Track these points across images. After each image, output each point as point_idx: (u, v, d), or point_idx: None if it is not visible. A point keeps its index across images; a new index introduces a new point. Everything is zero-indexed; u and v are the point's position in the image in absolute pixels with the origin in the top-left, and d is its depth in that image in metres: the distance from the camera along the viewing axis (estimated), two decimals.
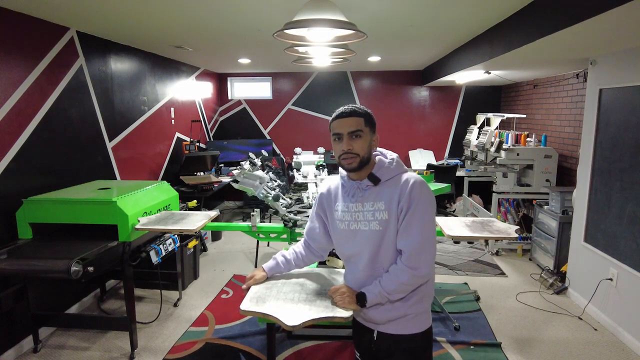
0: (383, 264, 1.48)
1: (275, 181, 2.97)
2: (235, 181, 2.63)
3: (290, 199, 3.06)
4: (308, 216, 2.70)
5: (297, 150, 3.38)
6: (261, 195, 2.57)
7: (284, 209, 2.72)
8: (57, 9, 2.83)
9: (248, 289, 1.67)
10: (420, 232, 1.41)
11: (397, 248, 1.45)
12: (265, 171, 3.07)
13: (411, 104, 6.83)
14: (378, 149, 1.57)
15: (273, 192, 2.65)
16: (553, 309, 3.50)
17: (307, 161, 3.30)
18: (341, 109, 1.49)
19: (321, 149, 3.47)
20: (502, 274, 4.23)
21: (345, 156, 1.46)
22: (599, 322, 3.28)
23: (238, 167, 2.72)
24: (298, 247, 1.77)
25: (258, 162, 2.84)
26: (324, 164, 3.40)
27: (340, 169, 1.57)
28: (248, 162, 2.74)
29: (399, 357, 1.51)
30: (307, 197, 3.06)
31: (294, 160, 3.29)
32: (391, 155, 1.54)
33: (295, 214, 2.78)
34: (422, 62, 5.70)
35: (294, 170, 3.18)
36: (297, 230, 2.71)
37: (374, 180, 1.48)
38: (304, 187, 3.35)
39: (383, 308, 1.48)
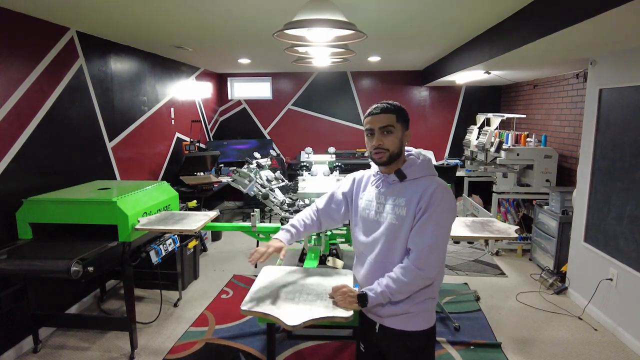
0: (393, 260, 1.49)
1: (284, 181, 2.99)
2: (234, 180, 2.68)
3: (291, 198, 3.06)
4: None
5: (308, 149, 3.39)
6: (252, 193, 2.62)
7: (277, 207, 2.73)
8: (57, 9, 2.83)
9: (256, 261, 1.63)
10: (434, 234, 1.42)
11: (408, 246, 1.46)
12: (276, 171, 3.10)
13: (411, 104, 6.83)
14: (415, 149, 1.61)
15: (263, 190, 2.68)
16: (553, 309, 3.50)
17: (318, 161, 3.29)
18: (374, 105, 1.53)
19: (332, 149, 3.47)
20: (502, 274, 4.23)
21: (376, 151, 1.51)
22: (599, 322, 3.28)
23: (245, 167, 2.77)
24: (307, 216, 1.77)
25: (254, 163, 2.87)
26: (339, 164, 3.40)
27: (372, 162, 1.60)
28: (254, 163, 2.80)
29: (399, 352, 1.54)
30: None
31: (305, 159, 3.30)
32: (424, 156, 1.57)
33: (291, 213, 2.77)
34: (422, 62, 5.70)
35: (303, 169, 3.20)
36: None
37: (400, 176, 1.52)
38: None
39: (387, 303, 1.49)
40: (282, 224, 2.69)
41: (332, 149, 3.47)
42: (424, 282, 1.46)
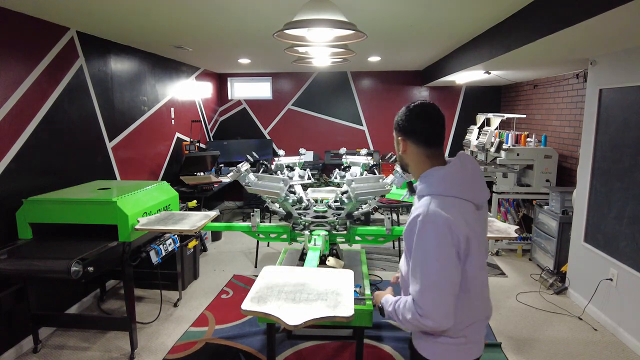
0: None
1: (310, 178, 3.00)
2: (248, 185, 2.53)
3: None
4: (317, 217, 2.70)
5: (342, 150, 3.39)
6: (282, 198, 2.43)
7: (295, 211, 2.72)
8: (57, 9, 2.83)
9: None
10: (422, 278, 1.24)
11: None
12: (260, 171, 3.08)
13: None
14: (462, 157, 1.37)
15: (294, 195, 2.61)
16: (553, 309, 3.50)
17: (355, 162, 3.29)
18: None
19: (343, 150, 3.47)
20: (502, 274, 4.23)
21: None
22: (599, 322, 3.28)
23: (235, 168, 2.68)
24: None
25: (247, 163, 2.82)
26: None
27: None
28: (247, 163, 2.74)
29: None
30: (307, 199, 3.06)
31: (344, 160, 3.28)
32: (436, 170, 1.33)
33: (304, 216, 2.77)
34: (422, 62, 5.70)
35: (340, 170, 3.20)
36: (298, 230, 2.71)
37: (411, 190, 1.43)
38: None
39: None
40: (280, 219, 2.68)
41: (364, 150, 3.46)
42: (427, 326, 1.25)
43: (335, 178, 3.14)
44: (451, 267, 1.23)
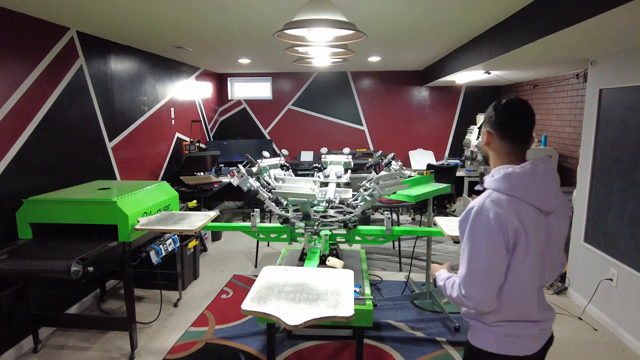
0: None
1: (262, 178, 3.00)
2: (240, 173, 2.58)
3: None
4: (298, 215, 2.70)
5: (324, 150, 3.38)
6: (245, 189, 2.56)
7: (272, 203, 2.71)
8: (57, 9, 2.83)
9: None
10: (468, 264, 1.32)
11: None
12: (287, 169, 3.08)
13: (411, 104, 6.83)
14: (542, 156, 1.43)
15: (255, 184, 2.61)
16: (553, 309, 3.50)
17: (334, 161, 3.27)
18: None
19: (346, 149, 3.46)
20: None
21: None
22: (599, 322, 3.28)
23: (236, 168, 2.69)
24: None
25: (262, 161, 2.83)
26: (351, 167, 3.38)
27: None
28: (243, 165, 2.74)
29: None
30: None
31: (322, 160, 3.26)
32: (505, 168, 1.35)
33: (287, 211, 2.77)
34: (422, 62, 5.70)
35: (316, 169, 3.18)
36: (298, 230, 2.71)
37: (481, 181, 1.46)
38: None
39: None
40: (279, 222, 2.67)
41: (347, 149, 3.45)
42: (469, 306, 1.34)
43: (319, 178, 3.12)
44: (495, 258, 1.29)
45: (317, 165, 3.27)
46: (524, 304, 1.36)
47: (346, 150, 3.32)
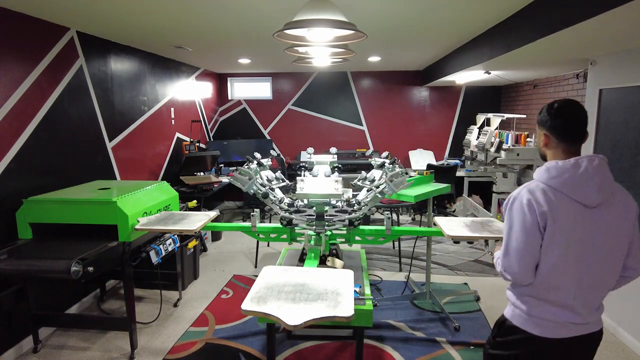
0: None
1: (284, 181, 2.98)
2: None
3: (291, 198, 3.05)
4: (308, 215, 2.70)
5: (310, 150, 3.36)
6: (251, 191, 2.60)
7: (277, 206, 2.72)
8: (57, 9, 2.83)
9: None
10: (505, 243, 1.51)
11: None
12: (277, 171, 3.08)
13: (411, 104, 6.83)
14: (591, 155, 1.47)
15: (263, 189, 2.66)
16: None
17: (320, 161, 3.26)
18: None
19: (333, 149, 3.45)
20: None
21: None
22: None
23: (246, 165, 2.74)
24: None
25: (254, 162, 2.84)
26: (339, 165, 3.38)
27: None
28: (255, 163, 2.76)
29: None
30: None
31: (307, 160, 3.25)
32: (552, 163, 1.47)
33: (291, 213, 2.77)
34: (422, 62, 5.70)
35: (304, 169, 3.17)
36: (298, 230, 2.71)
37: None
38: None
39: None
40: (282, 224, 2.68)
41: (333, 149, 3.45)
42: (507, 278, 1.52)
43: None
44: (527, 237, 1.44)
45: (303, 164, 3.26)
46: (556, 289, 1.45)
47: (333, 149, 3.32)
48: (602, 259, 1.44)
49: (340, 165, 3.24)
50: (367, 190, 2.77)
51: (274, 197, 2.76)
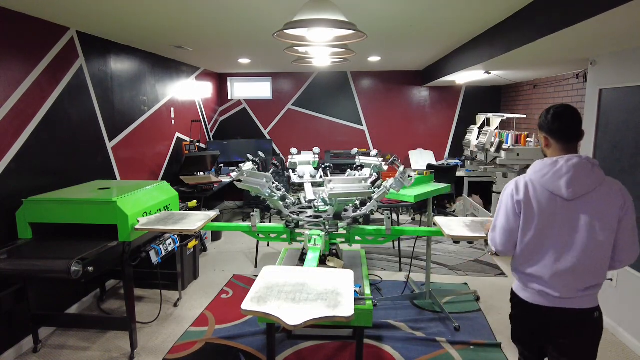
0: None
1: (274, 183, 2.98)
2: (239, 181, 2.59)
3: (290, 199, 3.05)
4: (310, 216, 2.70)
5: (293, 150, 3.34)
6: (267, 194, 2.55)
7: (286, 209, 2.72)
8: (57, 9, 2.83)
9: None
10: (494, 221, 1.83)
11: None
12: (271, 171, 3.06)
13: (411, 104, 6.83)
14: (590, 159, 1.68)
15: (279, 192, 2.63)
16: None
17: (302, 161, 3.25)
18: None
19: (316, 149, 3.43)
20: (502, 274, 4.23)
21: None
22: None
23: (237, 168, 2.70)
24: None
25: (251, 163, 2.82)
26: (330, 165, 3.37)
27: None
28: (250, 163, 2.73)
29: None
30: (304, 198, 3.05)
31: (289, 160, 3.24)
32: (539, 160, 1.74)
33: (297, 214, 2.77)
34: (422, 62, 5.70)
35: (289, 170, 3.17)
36: (298, 230, 2.71)
37: None
38: (301, 187, 3.31)
39: None
40: (287, 226, 2.66)
41: (316, 149, 3.45)
42: (492, 249, 1.85)
43: (295, 179, 3.13)
44: (507, 218, 1.75)
45: (274, 162, 3.24)
46: (533, 264, 1.71)
47: (316, 149, 3.32)
48: (580, 246, 1.62)
49: (331, 165, 3.24)
50: (313, 185, 2.80)
51: (288, 200, 2.75)
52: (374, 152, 3.26)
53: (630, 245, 1.64)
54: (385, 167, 3.03)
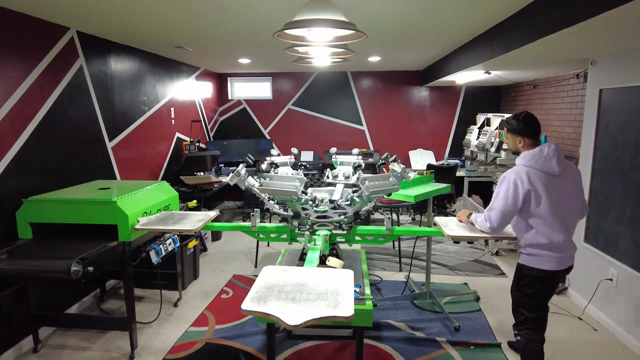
0: None
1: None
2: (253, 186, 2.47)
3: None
4: (321, 217, 2.70)
5: (274, 152, 3.27)
6: (300, 199, 2.35)
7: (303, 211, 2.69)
8: (57, 9, 2.83)
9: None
10: (493, 203, 2.26)
11: None
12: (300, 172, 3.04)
13: (411, 104, 6.83)
14: (550, 144, 2.23)
15: (306, 195, 2.55)
16: (553, 309, 3.50)
17: (345, 162, 3.19)
18: None
19: (355, 150, 3.40)
20: (502, 274, 4.23)
21: None
22: (598, 322, 3.28)
23: (234, 171, 2.67)
24: None
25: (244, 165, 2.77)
26: (305, 164, 3.36)
27: None
28: (243, 165, 2.72)
29: None
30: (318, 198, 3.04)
31: (266, 162, 3.17)
32: (527, 152, 2.24)
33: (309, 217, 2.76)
34: (422, 62, 5.70)
35: (325, 169, 3.19)
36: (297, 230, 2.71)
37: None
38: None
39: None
40: (299, 229, 2.63)
41: (294, 150, 3.45)
42: (487, 226, 2.28)
43: (327, 178, 3.12)
44: (506, 203, 2.19)
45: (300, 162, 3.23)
46: (549, 234, 2.17)
47: (355, 150, 3.30)
48: (569, 207, 2.23)
49: (307, 164, 3.24)
50: (345, 186, 2.82)
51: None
52: (355, 150, 3.26)
53: (585, 202, 2.36)
54: (411, 174, 3.00)
